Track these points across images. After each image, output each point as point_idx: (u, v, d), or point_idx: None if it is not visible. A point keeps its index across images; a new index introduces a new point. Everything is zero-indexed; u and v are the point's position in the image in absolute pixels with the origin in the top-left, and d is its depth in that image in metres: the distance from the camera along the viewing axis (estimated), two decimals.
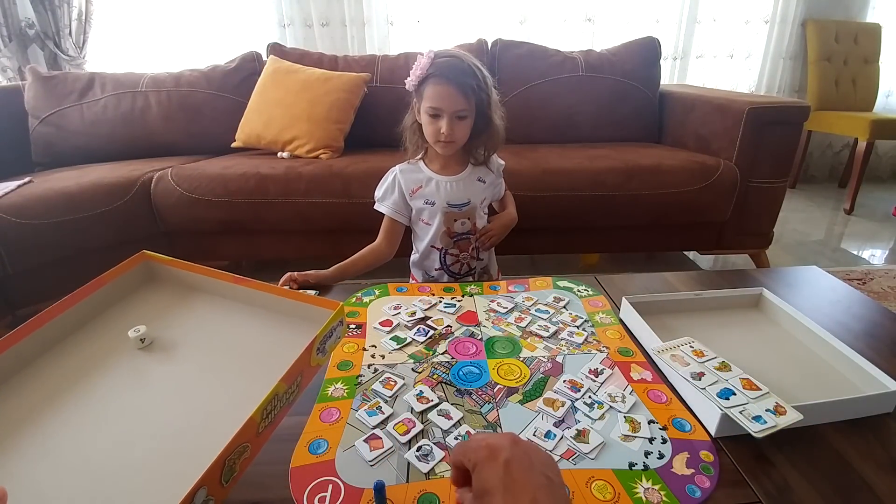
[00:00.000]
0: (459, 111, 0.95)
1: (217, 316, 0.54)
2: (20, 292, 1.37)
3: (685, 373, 0.57)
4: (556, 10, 2.53)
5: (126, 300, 0.55)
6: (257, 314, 0.54)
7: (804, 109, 1.57)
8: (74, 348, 0.49)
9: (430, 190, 1.05)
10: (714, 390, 0.54)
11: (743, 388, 0.54)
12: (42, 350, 0.47)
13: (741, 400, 0.53)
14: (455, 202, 1.05)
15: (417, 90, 0.97)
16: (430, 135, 0.98)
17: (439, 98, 0.93)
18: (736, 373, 0.57)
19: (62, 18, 2.24)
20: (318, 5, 2.42)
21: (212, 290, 0.56)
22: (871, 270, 1.88)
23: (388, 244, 1.07)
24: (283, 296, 0.53)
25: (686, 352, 0.62)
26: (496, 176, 1.13)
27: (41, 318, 0.47)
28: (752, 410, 0.51)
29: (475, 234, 1.08)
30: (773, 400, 0.52)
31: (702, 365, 0.59)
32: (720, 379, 0.56)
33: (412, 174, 1.06)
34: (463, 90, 0.93)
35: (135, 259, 0.56)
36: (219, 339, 0.51)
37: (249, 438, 0.36)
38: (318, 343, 0.45)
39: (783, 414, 0.50)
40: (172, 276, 0.57)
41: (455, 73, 0.93)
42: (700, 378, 0.56)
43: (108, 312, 0.53)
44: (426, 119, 0.96)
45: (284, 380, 0.40)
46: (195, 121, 1.91)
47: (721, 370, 0.58)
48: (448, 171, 1.06)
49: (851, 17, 2.78)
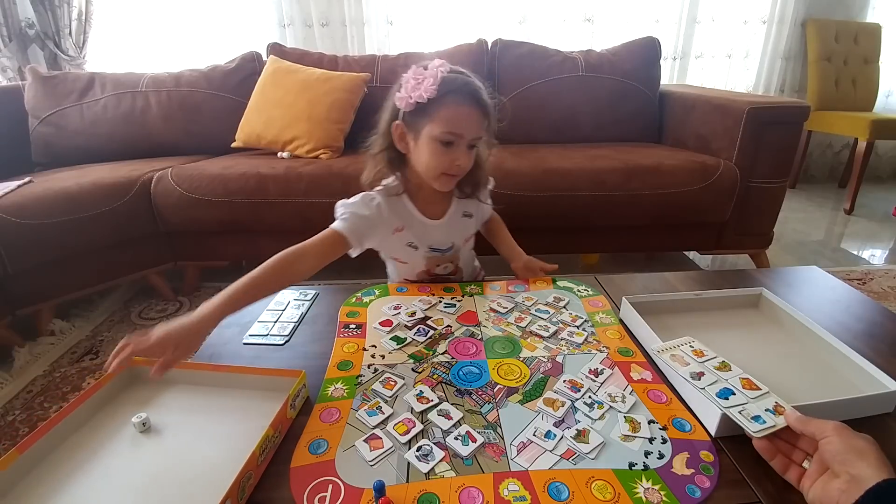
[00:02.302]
0: (477, 138, 0.82)
1: (199, 398, 0.62)
2: (20, 292, 1.37)
3: (685, 373, 0.57)
4: (555, 10, 2.53)
5: (116, 399, 0.62)
6: (234, 391, 0.63)
7: (804, 109, 1.57)
8: (80, 440, 0.56)
9: (413, 232, 0.90)
10: (714, 390, 0.54)
11: (743, 388, 0.54)
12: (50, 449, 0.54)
13: (740, 400, 0.52)
14: (438, 247, 0.93)
15: (423, 110, 0.79)
16: (434, 166, 0.81)
17: (462, 122, 0.78)
18: (736, 372, 0.57)
19: (62, 18, 2.24)
20: (318, 5, 2.42)
21: (189, 380, 0.64)
22: (871, 270, 1.88)
23: (317, 258, 0.78)
24: (251, 374, 0.63)
25: (686, 352, 0.62)
26: (483, 201, 0.99)
27: (46, 426, 0.54)
28: (751, 410, 0.51)
29: (455, 273, 0.98)
30: (772, 400, 0.52)
31: (702, 365, 0.59)
32: (720, 379, 0.56)
33: (396, 209, 0.89)
34: (485, 114, 0.81)
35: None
36: (203, 415, 0.60)
37: (252, 468, 0.48)
38: (290, 401, 0.57)
39: (783, 413, 0.49)
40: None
41: (476, 91, 0.80)
42: (700, 378, 0.56)
43: (106, 409, 0.61)
44: (434, 147, 0.79)
45: (272, 426, 0.52)
46: (195, 121, 1.91)
47: (721, 370, 0.58)
48: (433, 211, 0.91)
49: (851, 17, 2.78)
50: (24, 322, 1.44)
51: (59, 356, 1.41)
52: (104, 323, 1.59)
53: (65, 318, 1.57)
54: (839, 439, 0.41)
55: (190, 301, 1.70)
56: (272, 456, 0.52)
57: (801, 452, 0.47)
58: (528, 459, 0.51)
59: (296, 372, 0.60)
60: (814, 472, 0.43)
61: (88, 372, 1.34)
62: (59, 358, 1.40)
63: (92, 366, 1.36)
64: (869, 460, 0.39)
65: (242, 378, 0.63)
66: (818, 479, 0.43)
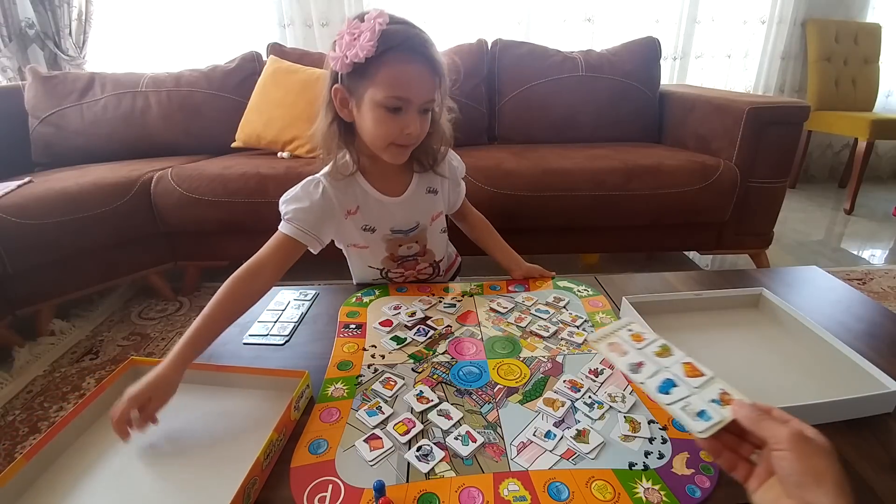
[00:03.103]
0: (429, 101, 0.71)
1: (202, 398, 0.63)
2: (20, 292, 1.37)
3: (623, 365, 0.51)
4: (555, 10, 2.53)
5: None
6: (236, 391, 0.63)
7: (804, 109, 1.57)
8: (84, 446, 0.56)
9: (369, 213, 0.81)
10: (654, 384, 0.48)
11: (686, 376, 0.48)
12: (56, 455, 0.54)
13: (683, 392, 0.46)
14: (400, 227, 0.84)
15: (362, 72, 0.67)
16: (381, 136, 0.71)
17: (408, 83, 0.68)
18: (677, 357, 0.51)
19: (62, 18, 2.24)
20: (318, 5, 2.42)
21: (192, 380, 0.63)
22: (871, 270, 1.88)
23: (275, 270, 0.73)
24: (255, 374, 0.62)
25: (624, 337, 0.55)
26: (453, 183, 0.91)
27: (51, 433, 0.54)
28: (695, 405, 0.44)
29: (424, 255, 0.90)
30: (717, 387, 0.46)
31: (640, 352, 0.52)
32: (660, 367, 0.50)
33: (347, 189, 0.79)
34: (435, 72, 0.69)
35: (125, 366, 0.64)
36: (207, 416, 0.60)
37: (257, 473, 0.48)
38: (294, 402, 0.56)
39: (729, 403, 0.43)
40: None
41: (423, 46, 0.68)
42: (639, 369, 0.50)
43: (108, 413, 0.60)
44: (378, 115, 0.69)
45: (276, 430, 0.52)
46: (195, 121, 1.91)
47: (661, 355, 0.51)
48: (390, 187, 0.82)
49: (851, 17, 2.78)
50: (24, 322, 1.44)
51: (59, 356, 1.41)
52: (104, 323, 1.59)
53: (65, 318, 1.57)
54: (795, 457, 0.36)
55: (190, 301, 1.70)
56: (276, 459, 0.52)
57: (748, 445, 0.42)
58: (528, 459, 0.51)
59: (299, 372, 0.60)
60: (762, 473, 0.39)
61: (88, 372, 1.34)
62: (59, 358, 1.40)
63: (92, 366, 1.36)
64: (826, 487, 0.34)
65: (245, 378, 0.63)
66: (766, 482, 0.38)
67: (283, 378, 0.61)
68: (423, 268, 0.93)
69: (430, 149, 0.82)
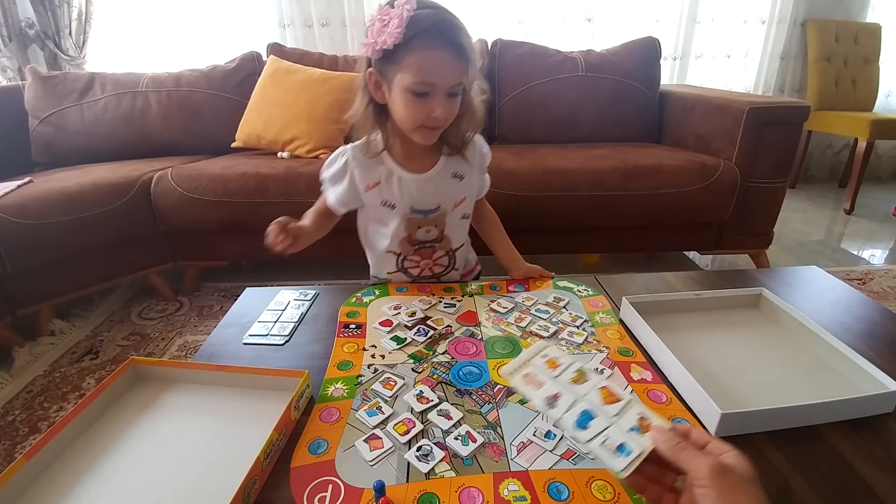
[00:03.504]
0: (456, 85, 0.72)
1: (202, 398, 0.63)
2: (20, 292, 1.37)
3: (539, 400, 0.48)
4: (555, 10, 2.53)
5: (119, 402, 0.63)
6: (236, 391, 0.63)
7: (804, 109, 1.57)
8: (84, 445, 0.56)
9: (390, 189, 0.84)
10: (571, 419, 0.45)
11: (603, 404, 0.46)
12: (56, 455, 0.54)
13: (601, 424, 0.44)
14: (421, 207, 0.85)
15: (391, 57, 0.70)
16: (410, 119, 0.74)
17: (433, 69, 0.69)
18: (594, 381, 0.49)
19: (62, 18, 2.24)
20: (318, 5, 2.42)
21: (192, 379, 0.65)
22: (871, 270, 1.88)
23: (319, 229, 0.89)
24: (255, 374, 0.63)
25: (539, 365, 0.52)
26: (479, 171, 0.91)
27: (52, 432, 0.54)
28: (614, 437, 0.42)
29: (441, 242, 0.91)
30: (636, 411, 0.44)
31: (556, 381, 0.50)
32: (577, 397, 0.47)
33: (370, 165, 0.84)
34: (462, 57, 0.70)
35: (125, 366, 0.64)
36: (207, 415, 0.60)
37: (257, 473, 0.48)
38: (294, 402, 0.56)
39: (648, 429, 0.42)
40: (158, 373, 0.66)
41: (450, 31, 0.69)
42: (556, 402, 0.47)
43: (108, 412, 0.61)
44: (407, 99, 0.72)
45: (276, 430, 0.52)
46: (195, 121, 1.91)
47: (578, 381, 0.49)
48: (415, 166, 0.84)
49: (851, 17, 2.78)
50: (24, 322, 1.44)
51: (59, 356, 1.41)
52: (104, 323, 1.59)
53: (65, 318, 1.57)
54: (716, 494, 0.35)
55: (190, 301, 1.70)
56: (276, 459, 0.52)
57: (671, 473, 0.41)
58: (528, 459, 0.51)
59: (299, 372, 0.60)
60: (687, 503, 0.38)
61: (88, 372, 1.34)
62: (59, 358, 1.40)
63: (92, 366, 1.36)
64: None
65: (245, 378, 0.63)
66: None
67: (283, 378, 0.61)
68: (439, 257, 0.93)
69: (460, 130, 0.83)
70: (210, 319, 1.57)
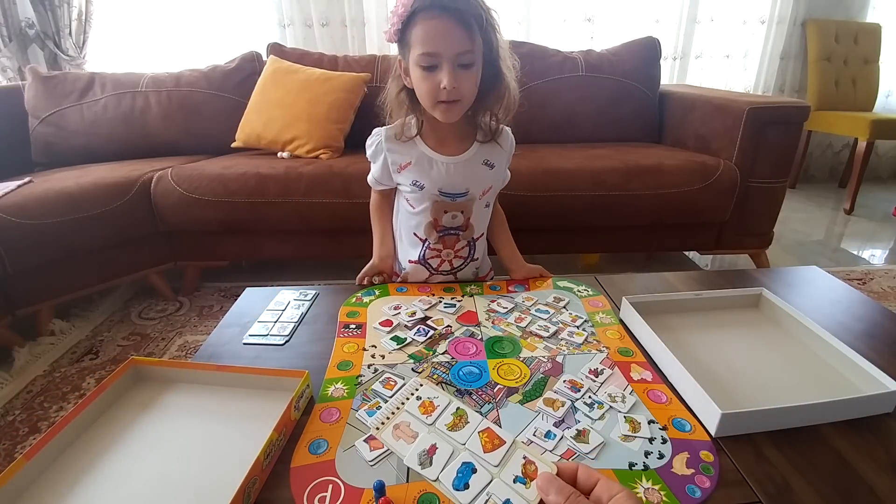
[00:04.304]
0: (462, 54, 0.71)
1: (202, 398, 0.63)
2: (20, 292, 1.37)
3: (412, 457, 0.44)
4: (555, 10, 2.53)
5: (119, 402, 0.63)
6: (236, 391, 0.63)
7: (804, 109, 1.57)
8: (84, 445, 0.56)
9: (419, 169, 0.85)
10: (449, 477, 0.42)
11: (484, 451, 0.43)
12: (56, 454, 0.54)
13: (483, 480, 0.41)
14: (449, 190, 0.85)
15: (402, 40, 0.73)
16: (425, 95, 0.75)
17: (434, 38, 0.70)
18: (474, 422, 0.45)
19: (62, 18, 2.24)
20: (318, 5, 2.42)
21: (192, 379, 0.65)
22: (871, 270, 1.88)
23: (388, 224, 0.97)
24: (255, 374, 0.63)
25: (413, 411, 0.49)
26: (507, 161, 0.91)
27: (52, 432, 0.54)
28: (499, 493, 0.40)
29: (466, 230, 0.91)
30: (519, 455, 0.42)
31: (432, 429, 0.47)
32: (455, 447, 0.44)
33: (402, 146, 0.86)
34: (465, 23, 0.69)
35: (125, 366, 0.64)
36: (207, 415, 0.60)
37: (257, 473, 0.48)
38: (294, 402, 0.56)
39: (532, 476, 0.39)
40: (158, 373, 0.66)
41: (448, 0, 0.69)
42: (431, 458, 0.44)
43: (108, 412, 0.61)
44: (418, 75, 0.73)
45: (276, 430, 0.52)
46: (195, 121, 1.91)
47: (457, 426, 0.46)
48: (447, 149, 0.84)
49: (851, 17, 2.78)
50: (24, 322, 1.44)
51: (59, 356, 1.41)
52: (104, 323, 1.59)
53: (65, 318, 1.57)
54: None
55: (190, 301, 1.70)
56: (276, 458, 0.52)
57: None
58: None
59: (299, 372, 0.60)
60: None
61: (88, 372, 1.34)
62: (59, 358, 1.40)
63: (92, 366, 1.36)
64: None
65: (245, 378, 0.63)
66: None
67: (283, 378, 0.61)
68: (461, 248, 0.94)
69: (488, 108, 0.82)
70: (210, 319, 1.57)
